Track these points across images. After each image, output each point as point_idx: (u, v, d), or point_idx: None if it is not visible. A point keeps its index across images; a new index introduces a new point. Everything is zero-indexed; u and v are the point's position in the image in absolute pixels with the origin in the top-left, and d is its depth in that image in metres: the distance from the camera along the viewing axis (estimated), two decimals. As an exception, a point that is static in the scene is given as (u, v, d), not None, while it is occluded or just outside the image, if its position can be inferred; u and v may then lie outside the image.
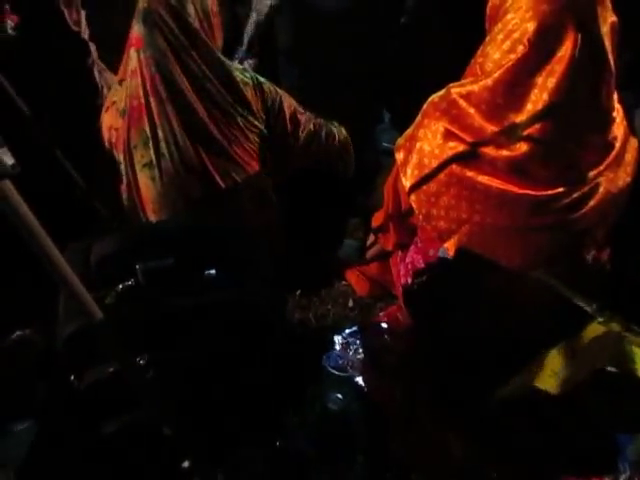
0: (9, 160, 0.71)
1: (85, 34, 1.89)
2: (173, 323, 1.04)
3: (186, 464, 1.14)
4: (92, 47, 1.89)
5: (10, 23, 2.26)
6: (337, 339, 1.61)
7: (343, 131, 1.57)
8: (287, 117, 1.48)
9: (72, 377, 1.05)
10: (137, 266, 1.03)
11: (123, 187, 1.45)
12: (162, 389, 0.98)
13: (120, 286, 1.04)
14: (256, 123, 1.44)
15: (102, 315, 0.91)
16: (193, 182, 1.41)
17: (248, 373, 1.17)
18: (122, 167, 1.44)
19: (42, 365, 1.29)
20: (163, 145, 1.37)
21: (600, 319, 1.02)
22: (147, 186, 1.41)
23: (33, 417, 1.19)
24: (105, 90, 1.85)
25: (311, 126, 1.53)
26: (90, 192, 1.44)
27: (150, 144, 1.38)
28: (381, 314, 1.67)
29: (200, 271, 1.08)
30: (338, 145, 1.59)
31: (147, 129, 1.37)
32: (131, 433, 1.04)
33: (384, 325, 1.63)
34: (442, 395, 1.44)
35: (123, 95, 1.41)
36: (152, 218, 1.43)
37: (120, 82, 1.43)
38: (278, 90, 1.50)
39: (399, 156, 1.33)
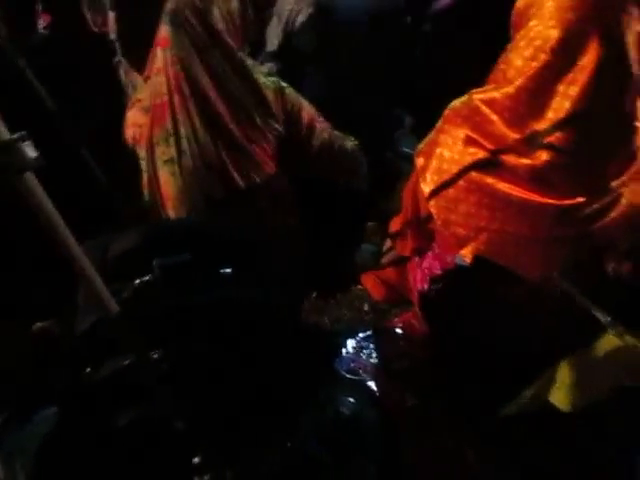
0: (32, 153, 0.73)
1: (113, 34, 1.93)
2: (188, 319, 1.05)
3: (197, 460, 1.15)
4: (118, 47, 1.92)
5: (42, 22, 2.32)
6: (351, 343, 1.61)
7: (356, 146, 1.57)
8: (304, 123, 1.49)
9: (89, 369, 1.07)
10: (154, 262, 1.04)
11: (144, 183, 1.47)
12: (175, 384, 1.00)
13: (137, 281, 1.06)
14: (275, 125, 1.45)
15: (118, 308, 0.92)
16: (212, 180, 1.43)
17: (261, 372, 1.17)
18: (144, 163, 1.47)
19: (61, 356, 1.31)
20: (184, 142, 1.40)
21: (614, 331, 1.00)
22: (168, 182, 1.45)
23: (51, 406, 1.22)
24: (130, 89, 1.89)
25: (326, 135, 1.54)
26: (112, 189, 1.47)
27: (172, 141, 1.41)
28: (396, 319, 1.66)
29: (216, 269, 1.09)
30: (350, 159, 1.59)
31: (169, 126, 1.41)
32: (144, 426, 1.05)
33: (399, 330, 1.63)
34: (456, 403, 1.43)
35: (148, 93, 1.45)
36: (172, 214, 1.46)
37: (145, 80, 1.47)
38: (299, 96, 1.52)
39: (419, 161, 1.33)
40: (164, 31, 1.39)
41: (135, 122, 1.52)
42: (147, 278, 1.07)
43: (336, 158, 1.56)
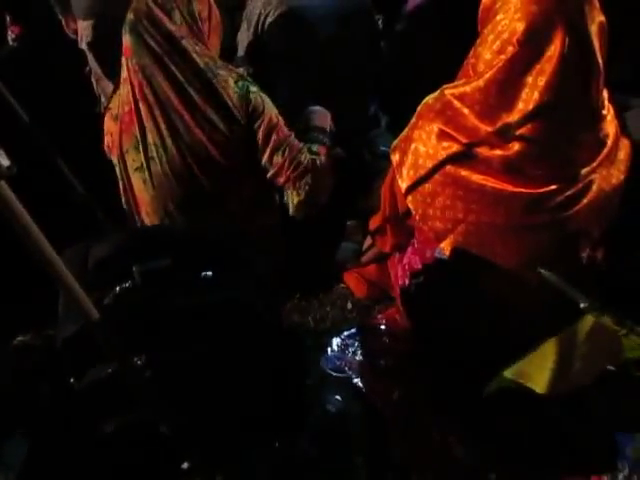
0: (5, 161, 0.73)
1: (83, 43, 1.91)
2: (170, 324, 1.05)
3: (185, 465, 1.14)
4: (89, 56, 1.91)
5: (11, 34, 2.30)
6: (335, 341, 1.62)
7: (313, 159, 1.56)
8: (263, 129, 1.48)
9: (72, 379, 1.06)
10: (134, 267, 1.04)
11: (121, 190, 1.47)
12: (160, 389, 0.99)
13: (117, 288, 1.05)
14: (238, 129, 1.46)
15: (99, 316, 0.92)
16: (180, 185, 1.44)
17: (245, 373, 1.17)
18: (118, 171, 1.47)
19: (42, 368, 1.30)
20: (152, 149, 1.42)
21: (592, 313, 1.02)
22: (140, 189, 1.46)
23: (34, 420, 1.20)
24: (102, 98, 1.88)
25: (284, 145, 1.51)
26: (88, 197, 1.46)
27: (140, 148, 1.43)
28: (380, 316, 1.67)
29: (196, 272, 1.09)
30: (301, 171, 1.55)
31: (137, 134, 1.42)
32: (130, 433, 1.04)
33: (382, 327, 1.64)
34: (441, 396, 1.44)
35: (116, 102, 1.46)
36: (146, 221, 1.47)
37: (115, 89, 1.47)
38: (266, 101, 1.51)
39: (395, 157, 1.34)
40: (126, 41, 1.40)
41: (108, 130, 1.52)
42: (127, 284, 1.07)
43: (290, 169, 1.53)
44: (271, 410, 1.28)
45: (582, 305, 1.05)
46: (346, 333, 1.65)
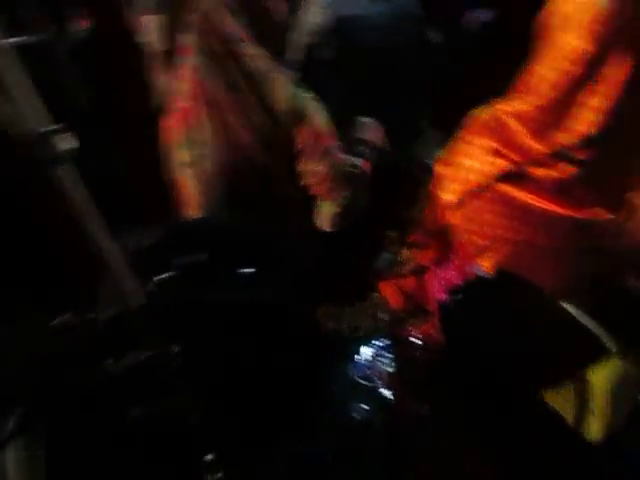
0: (70, 145, 0.76)
1: (145, 37, 1.97)
2: (204, 316, 1.07)
3: (209, 457, 1.16)
4: (150, 50, 1.97)
5: (80, 26, 2.40)
6: (367, 350, 1.61)
7: (354, 171, 1.56)
8: (306, 134, 1.50)
9: (109, 360, 1.09)
10: (174, 260, 1.07)
11: (172, 184, 1.52)
12: (190, 379, 1.01)
13: (158, 277, 1.08)
14: (284, 134, 1.47)
15: (141, 302, 0.95)
16: (224, 184, 1.47)
17: (273, 372, 1.19)
18: (169, 165, 1.52)
19: (82, 350, 1.34)
20: (200, 147, 1.45)
21: (619, 355, 1.00)
22: (186, 185, 1.49)
23: (62, 400, 1.24)
24: (160, 92, 1.93)
25: (327, 157, 1.52)
26: (140, 187, 1.51)
27: (190, 145, 1.45)
28: (414, 329, 1.66)
29: (234, 268, 1.11)
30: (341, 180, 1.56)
31: (187, 131, 1.45)
32: (158, 419, 1.06)
33: (416, 340, 1.63)
34: (471, 415, 1.42)
35: (172, 97, 1.50)
36: (191, 215, 1.50)
37: (172, 85, 1.51)
38: (317, 108, 1.53)
39: (439, 170, 1.33)
40: (187, 38, 1.44)
41: (163, 126, 1.57)
42: (168, 275, 1.10)
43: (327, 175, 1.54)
44: (291, 410, 1.29)
45: (609, 344, 1.02)
46: (378, 343, 1.64)
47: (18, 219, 1.02)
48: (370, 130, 1.66)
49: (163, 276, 1.11)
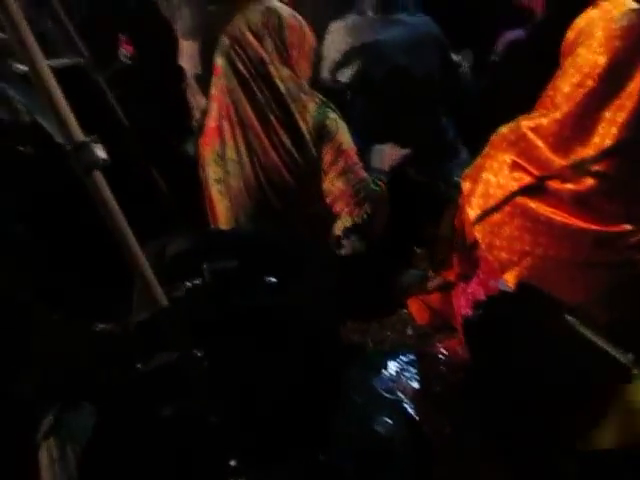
0: (102, 154, 0.82)
1: (183, 61, 2.09)
2: (231, 321, 1.11)
3: (232, 462, 1.18)
4: (188, 73, 2.08)
5: (125, 52, 2.55)
6: (392, 364, 1.62)
7: (377, 193, 1.60)
8: (331, 152, 1.54)
9: (139, 362, 1.13)
10: (204, 266, 1.11)
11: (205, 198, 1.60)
12: (212, 382, 1.05)
13: (188, 283, 1.13)
14: (310, 154, 1.52)
15: (168, 304, 0.99)
16: (252, 200, 1.54)
17: (296, 381, 1.21)
18: (203, 180, 1.59)
19: (117, 354, 1.40)
20: (230, 164, 1.54)
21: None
22: (217, 199, 1.58)
23: (103, 399, 1.29)
24: (196, 111, 2.04)
25: (351, 175, 1.56)
26: (171, 197, 1.58)
27: (220, 162, 1.53)
28: (439, 345, 1.66)
29: (260, 276, 1.14)
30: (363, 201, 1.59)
31: (218, 148, 1.55)
32: (186, 420, 1.10)
33: (441, 356, 1.63)
34: (494, 432, 1.41)
35: (205, 116, 1.59)
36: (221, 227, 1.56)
37: (206, 104, 1.60)
38: (343, 129, 1.57)
39: (465, 186, 1.35)
40: (217, 62, 1.53)
41: (199, 142, 1.65)
42: (197, 281, 1.14)
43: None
44: (313, 421, 1.30)
45: (624, 359, 1.01)
46: (404, 358, 1.65)
47: (60, 224, 1.09)
48: (385, 157, 1.71)
49: (194, 281, 1.16)
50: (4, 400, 1.32)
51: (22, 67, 0.92)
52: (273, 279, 1.18)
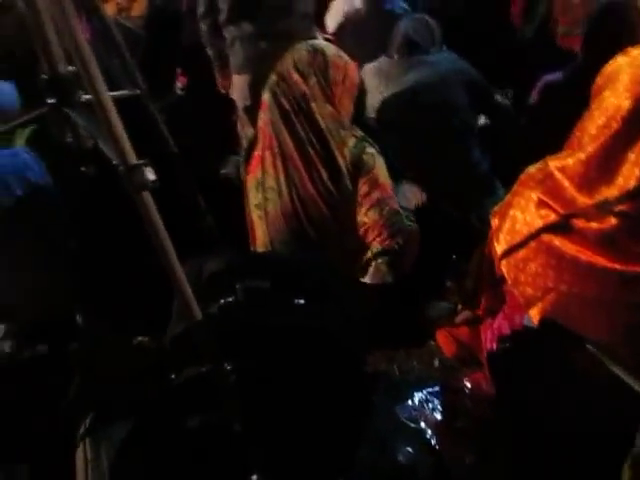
0: (152, 176, 0.91)
1: (234, 94, 2.23)
2: (260, 339, 1.17)
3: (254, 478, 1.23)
4: (239, 105, 2.21)
5: (179, 85, 2.72)
6: (417, 395, 1.64)
7: (411, 227, 1.65)
8: (367, 185, 1.60)
9: (172, 374, 1.21)
10: (238, 285, 1.19)
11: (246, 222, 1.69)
12: (240, 395, 1.10)
13: (222, 300, 1.20)
14: (347, 188, 1.58)
15: (202, 319, 1.06)
16: (289, 228, 1.61)
17: (320, 403, 1.25)
18: (246, 205, 1.69)
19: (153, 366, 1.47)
20: (270, 192, 1.63)
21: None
22: (256, 223, 1.66)
23: (138, 408, 1.36)
24: (244, 141, 2.16)
25: (384, 210, 1.62)
26: (212, 220, 1.68)
27: (260, 189, 1.62)
28: (465, 378, 1.67)
29: (291, 298, 1.21)
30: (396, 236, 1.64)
31: (259, 176, 1.64)
32: (212, 432, 1.16)
33: (466, 390, 1.64)
34: (515, 467, 1.40)
35: (251, 145, 1.69)
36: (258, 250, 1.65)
37: (253, 136, 1.71)
38: (377, 163, 1.64)
39: (494, 222, 1.39)
40: (264, 96, 1.64)
41: (245, 170, 1.76)
42: (231, 299, 1.21)
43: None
44: (340, 445, 1.33)
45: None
46: (429, 389, 1.66)
47: (109, 240, 1.19)
48: (411, 196, 1.77)
49: (228, 299, 1.23)
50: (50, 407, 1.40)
51: (87, 96, 1.03)
52: (302, 301, 1.24)
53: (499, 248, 1.37)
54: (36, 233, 1.68)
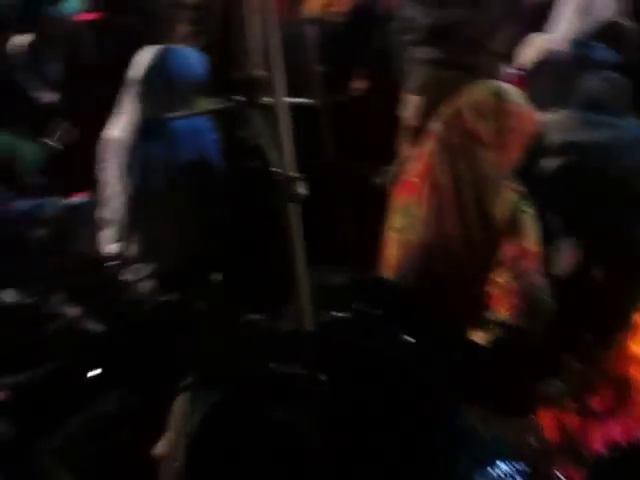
0: (303, 191, 0.97)
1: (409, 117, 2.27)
2: (358, 358, 1.19)
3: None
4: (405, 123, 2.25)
5: (356, 86, 2.80)
6: (503, 466, 1.56)
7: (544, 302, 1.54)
8: (511, 247, 1.53)
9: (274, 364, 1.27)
10: (353, 304, 1.22)
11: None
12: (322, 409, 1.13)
13: (336, 314, 1.24)
14: (493, 240, 1.54)
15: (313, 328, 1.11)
16: (422, 261, 1.59)
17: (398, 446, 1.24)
18: (386, 225, 1.71)
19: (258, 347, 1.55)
20: (414, 220, 1.61)
21: None
22: (391, 245, 1.67)
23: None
24: (400, 158, 2.20)
25: (521, 278, 1.53)
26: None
27: (404, 214, 1.63)
28: (557, 467, 1.56)
29: (401, 330, 1.21)
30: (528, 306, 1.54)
31: (407, 201, 1.64)
32: (289, 430, 1.20)
33: (557, 478, 1.53)
34: None
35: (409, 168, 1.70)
36: (386, 272, 1.65)
37: (410, 159, 1.73)
38: (530, 227, 1.56)
39: (636, 319, 1.28)
40: (435, 125, 1.63)
41: (392, 190, 1.78)
42: (344, 315, 1.25)
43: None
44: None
45: None
46: (516, 465, 1.57)
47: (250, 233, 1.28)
48: (565, 258, 1.65)
49: (341, 314, 1.27)
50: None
51: (267, 99, 1.11)
52: (411, 339, 1.24)
53: (636, 349, 1.25)
54: (200, 194, 1.86)
